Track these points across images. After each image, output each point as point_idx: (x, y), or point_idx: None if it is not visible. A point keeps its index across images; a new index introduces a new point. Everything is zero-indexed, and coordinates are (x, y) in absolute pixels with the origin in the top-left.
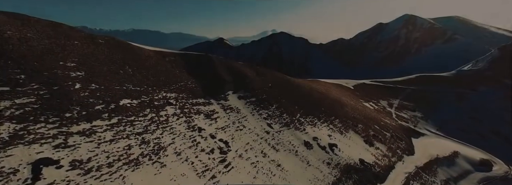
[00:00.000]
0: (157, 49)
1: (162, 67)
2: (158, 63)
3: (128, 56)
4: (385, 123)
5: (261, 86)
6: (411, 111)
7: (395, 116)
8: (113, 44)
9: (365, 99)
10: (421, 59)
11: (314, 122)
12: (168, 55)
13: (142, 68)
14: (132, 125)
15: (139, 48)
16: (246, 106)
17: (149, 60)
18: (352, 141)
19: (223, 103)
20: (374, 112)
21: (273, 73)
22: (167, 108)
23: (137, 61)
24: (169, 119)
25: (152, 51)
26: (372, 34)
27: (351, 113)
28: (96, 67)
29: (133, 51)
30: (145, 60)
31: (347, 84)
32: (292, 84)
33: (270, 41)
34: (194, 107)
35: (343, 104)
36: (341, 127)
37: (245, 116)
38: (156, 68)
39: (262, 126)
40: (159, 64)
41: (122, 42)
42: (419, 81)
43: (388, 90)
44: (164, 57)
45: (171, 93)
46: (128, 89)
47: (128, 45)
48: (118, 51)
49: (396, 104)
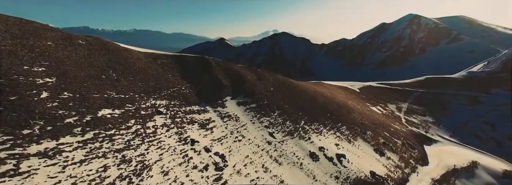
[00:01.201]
0: (149, 50)
1: (152, 71)
2: (148, 67)
3: (113, 59)
4: (395, 129)
5: (262, 91)
6: (421, 115)
7: (405, 121)
8: (96, 45)
9: (372, 103)
10: (425, 60)
11: (319, 129)
12: (160, 57)
13: (129, 72)
14: (111, 140)
15: (127, 50)
16: (245, 113)
17: (138, 63)
18: (361, 150)
19: (220, 110)
20: (382, 117)
21: (275, 76)
22: (156, 118)
23: (124, 65)
24: (158, 131)
25: (142, 53)
26: (375, 34)
27: (358, 119)
28: (71, 72)
29: (120, 54)
30: (133, 63)
31: (353, 86)
32: (296, 88)
33: (271, 41)
34: (187, 115)
35: (350, 109)
36: (349, 134)
37: (244, 124)
38: (145, 72)
39: (263, 135)
40: (150, 67)
41: (107, 43)
42: (428, 83)
43: (396, 93)
44: (156, 60)
45: (161, 100)
46: (110, 97)
47: (114, 47)
48: (102, 54)
49: (405, 108)
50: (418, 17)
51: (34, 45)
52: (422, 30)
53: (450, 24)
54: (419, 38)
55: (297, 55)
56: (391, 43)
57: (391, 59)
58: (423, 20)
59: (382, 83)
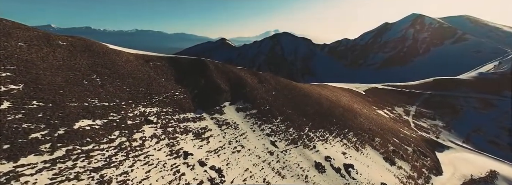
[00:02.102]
0: (140, 52)
1: (143, 75)
2: (139, 70)
3: (98, 62)
4: (404, 135)
5: (263, 95)
6: (430, 119)
7: (414, 125)
8: (79, 46)
9: (378, 106)
10: (430, 60)
11: (325, 136)
12: (153, 59)
13: (116, 76)
14: (88, 157)
15: (116, 51)
16: (245, 120)
17: (127, 66)
18: (370, 159)
19: (218, 118)
20: (390, 122)
21: (277, 78)
22: (145, 128)
23: (111, 68)
24: (146, 144)
25: (133, 55)
26: (377, 34)
27: (366, 124)
28: (44, 78)
29: (107, 56)
30: (121, 66)
31: (357, 88)
32: (299, 91)
33: (272, 42)
34: (180, 124)
35: (356, 113)
36: (356, 141)
37: (244, 133)
38: (135, 76)
39: (265, 144)
40: (140, 70)
41: (92, 45)
42: (437, 85)
43: (403, 95)
44: (147, 62)
45: (152, 108)
46: (91, 105)
47: (100, 48)
48: (85, 56)
49: (413, 111)
50: (422, 17)
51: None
52: (426, 30)
53: (455, 23)
54: (423, 38)
55: (298, 55)
56: (394, 43)
57: (394, 59)
58: (427, 19)
59: (388, 85)
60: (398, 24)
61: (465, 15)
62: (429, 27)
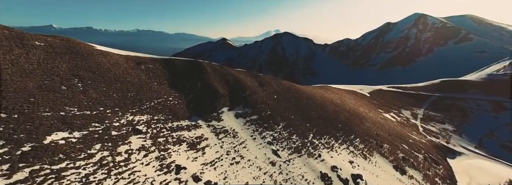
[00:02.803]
0: (132, 53)
1: (133, 79)
2: (128, 73)
3: (81, 65)
4: (414, 141)
5: (264, 99)
6: (439, 123)
7: (422, 129)
8: (60, 48)
9: (384, 109)
10: (433, 60)
11: (330, 144)
12: (145, 61)
13: (101, 81)
14: (58, 178)
15: (103, 53)
16: (245, 126)
17: (115, 69)
18: (379, 168)
19: (215, 125)
20: (398, 126)
21: (278, 81)
22: (132, 139)
23: (96, 72)
24: (132, 158)
25: (123, 57)
26: (379, 34)
27: (373, 129)
28: (11, 83)
29: (91, 58)
30: (108, 69)
31: (362, 90)
32: (302, 95)
33: (273, 42)
34: (173, 133)
35: (362, 118)
36: (364, 149)
37: (243, 141)
38: (124, 80)
39: (266, 154)
40: (130, 74)
41: (76, 45)
42: (444, 87)
43: (409, 97)
44: (139, 65)
45: (141, 116)
46: (69, 114)
47: (85, 50)
48: (66, 58)
49: (421, 114)
50: (425, 16)
51: None
52: (429, 30)
53: (458, 23)
54: (426, 38)
55: (300, 55)
56: (397, 43)
57: (397, 60)
58: (430, 19)
59: (394, 86)
60: (401, 24)
61: (468, 15)
62: (432, 27)
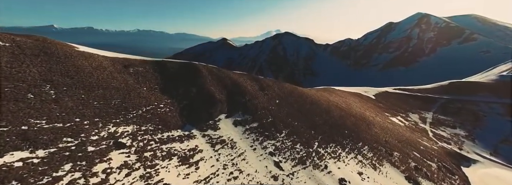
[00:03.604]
0: (121, 55)
1: (119, 84)
2: (114, 78)
3: (56, 69)
4: (425, 147)
5: (265, 105)
6: (450, 127)
7: (432, 135)
8: (30, 49)
9: (391, 113)
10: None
11: (337, 153)
12: (134, 64)
13: (80, 87)
14: None
15: (85, 55)
16: (244, 135)
17: (98, 73)
18: (390, 179)
19: (211, 135)
20: (407, 131)
21: (280, 84)
22: (113, 154)
23: (74, 77)
24: (110, 178)
25: (109, 59)
26: (381, 34)
27: (381, 136)
28: None
29: (70, 60)
30: (90, 73)
31: (367, 92)
32: (306, 99)
33: (274, 42)
34: (163, 146)
35: (370, 123)
36: (373, 157)
37: (242, 152)
38: (108, 85)
39: (268, 167)
40: (116, 78)
41: (52, 46)
42: (453, 89)
43: (417, 100)
44: (127, 68)
45: (126, 126)
46: (33, 129)
47: (63, 51)
48: (37, 61)
49: (430, 118)
50: (427, 16)
51: None
52: (432, 30)
53: (462, 23)
54: (429, 38)
55: (300, 55)
56: (399, 43)
57: (399, 60)
58: (433, 19)
59: (400, 88)
60: (403, 23)
61: (472, 14)
62: (435, 26)
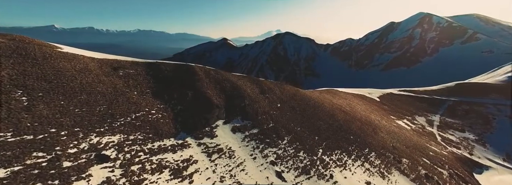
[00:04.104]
0: (110, 56)
1: (106, 88)
2: (100, 81)
3: (31, 72)
4: (435, 153)
5: (266, 109)
6: (459, 131)
7: (441, 139)
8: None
9: (397, 115)
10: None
11: (343, 160)
12: (124, 66)
13: (59, 92)
14: None
15: (68, 56)
16: (244, 143)
17: (82, 76)
18: None
19: (208, 143)
20: (414, 135)
21: (282, 87)
22: (93, 169)
23: (52, 81)
24: None
25: (96, 61)
26: (383, 34)
27: (388, 141)
28: None
29: (49, 62)
30: (72, 77)
31: (371, 94)
32: (309, 102)
33: (275, 42)
34: (153, 158)
35: (376, 127)
36: (381, 165)
37: (241, 162)
38: (93, 90)
39: (269, 178)
40: (102, 82)
41: (28, 46)
42: (460, 90)
43: (423, 102)
44: (116, 70)
45: (112, 136)
46: None
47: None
48: (9, 63)
49: (437, 121)
50: (429, 16)
51: None
52: (434, 29)
53: (464, 22)
54: (431, 38)
55: (301, 55)
56: (401, 43)
57: (401, 60)
58: (435, 18)
59: (405, 90)
60: (405, 23)
61: (475, 14)
62: (438, 26)
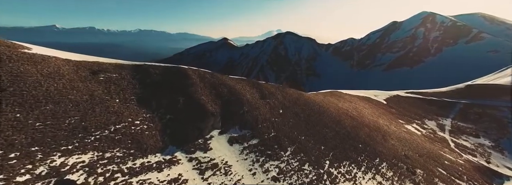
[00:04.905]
0: (91, 58)
1: (80, 96)
2: (74, 88)
3: None
4: (450, 162)
5: (268, 116)
6: (473, 136)
7: (454, 145)
8: None
9: (405, 119)
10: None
11: (352, 173)
12: (106, 69)
13: (15, 103)
14: None
15: (35, 57)
16: (242, 156)
17: (50, 82)
18: None
19: (200, 157)
20: (426, 142)
21: (284, 90)
22: None
23: (6, 88)
24: None
25: (71, 64)
26: (385, 34)
27: (400, 149)
28: None
29: (5, 66)
30: (36, 83)
31: (377, 97)
32: (313, 107)
33: (275, 42)
34: (133, 179)
35: (385, 133)
36: (393, 177)
37: (239, 179)
38: (62, 98)
39: None
40: (76, 88)
41: None
42: (470, 92)
43: (432, 105)
44: (95, 74)
45: (82, 155)
46: None
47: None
48: None
49: (449, 126)
50: (433, 15)
51: None
52: (437, 29)
53: (469, 21)
54: (435, 37)
55: (302, 55)
56: (404, 42)
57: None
58: (439, 18)
59: (412, 92)
60: (407, 22)
61: (479, 13)
62: (441, 25)
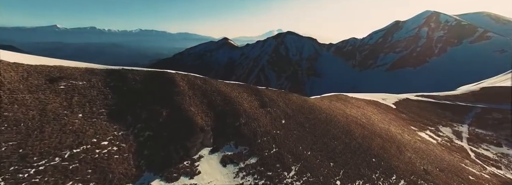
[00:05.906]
0: (53, 61)
1: (23, 112)
2: (14, 101)
3: None
4: (475, 177)
5: (268, 128)
6: (495, 145)
7: (474, 156)
8: None
9: (418, 126)
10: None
11: None
12: (69, 75)
13: None
14: None
15: None
16: (237, 180)
17: None
18: None
19: None
20: (445, 152)
21: (287, 97)
22: None
23: None
24: None
25: (23, 69)
26: (388, 33)
27: (417, 162)
28: None
29: None
30: None
31: (385, 100)
32: (318, 115)
33: (276, 41)
34: None
35: (400, 144)
36: None
37: None
38: (7, 117)
39: None
40: (18, 102)
41: None
42: (486, 95)
43: (445, 109)
44: (54, 82)
45: None
46: None
47: None
48: None
49: (466, 133)
50: (437, 14)
51: None
52: (441, 28)
53: (474, 21)
54: (439, 37)
55: (303, 55)
56: (407, 42)
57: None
58: (443, 17)
59: (423, 95)
60: (410, 22)
61: (484, 12)
62: (445, 25)
